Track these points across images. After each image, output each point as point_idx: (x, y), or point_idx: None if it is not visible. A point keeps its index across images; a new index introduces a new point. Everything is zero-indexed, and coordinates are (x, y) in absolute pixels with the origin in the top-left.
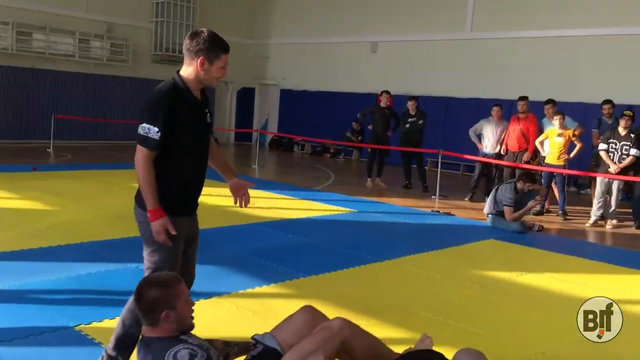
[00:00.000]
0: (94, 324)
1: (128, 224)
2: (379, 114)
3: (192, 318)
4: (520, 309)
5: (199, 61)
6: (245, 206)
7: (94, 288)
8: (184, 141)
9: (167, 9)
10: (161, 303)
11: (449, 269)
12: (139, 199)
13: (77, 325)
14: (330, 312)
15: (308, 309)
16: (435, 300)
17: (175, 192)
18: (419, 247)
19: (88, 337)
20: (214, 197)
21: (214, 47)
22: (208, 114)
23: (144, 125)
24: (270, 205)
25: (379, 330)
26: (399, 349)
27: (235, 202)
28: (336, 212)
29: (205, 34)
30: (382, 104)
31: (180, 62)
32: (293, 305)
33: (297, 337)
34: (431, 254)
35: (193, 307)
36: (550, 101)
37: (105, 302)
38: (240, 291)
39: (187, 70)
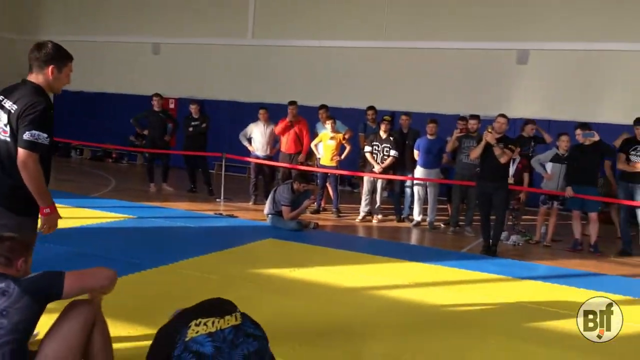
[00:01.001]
0: None
1: None
2: (154, 117)
3: None
4: (288, 302)
5: (49, 69)
6: None
7: None
8: (50, 143)
9: None
10: (22, 251)
11: (225, 269)
12: (11, 205)
13: None
14: None
15: None
16: None
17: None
18: (198, 250)
19: None
20: None
21: (62, 57)
22: None
23: (34, 132)
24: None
25: (141, 337)
26: None
27: None
28: (114, 219)
29: (51, 45)
30: (156, 108)
31: None
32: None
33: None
34: (210, 256)
35: None
36: (323, 106)
37: None
38: None
39: (38, 78)
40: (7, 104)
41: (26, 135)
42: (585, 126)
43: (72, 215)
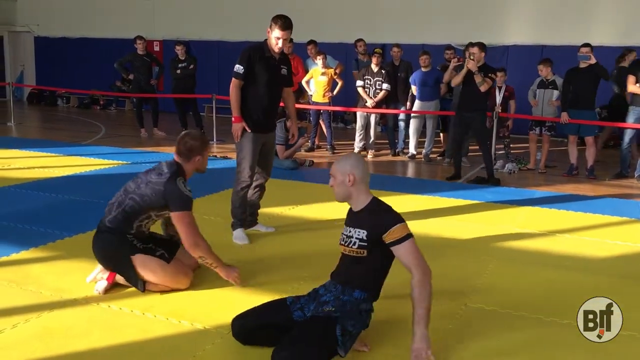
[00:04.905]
0: None
1: None
2: (138, 62)
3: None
4: (289, 239)
5: (267, 31)
6: None
7: None
8: (259, 81)
9: None
10: (200, 150)
11: (226, 210)
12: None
13: None
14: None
15: None
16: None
17: (252, 114)
18: (196, 193)
19: None
20: None
21: (272, 23)
22: (283, 69)
23: (235, 65)
24: (31, 165)
25: None
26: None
27: None
28: (107, 166)
29: (275, 17)
30: (140, 51)
31: None
32: (55, 268)
33: None
34: (208, 198)
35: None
36: (311, 42)
37: None
38: None
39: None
40: None
41: (234, 68)
42: (588, 46)
43: (64, 164)
